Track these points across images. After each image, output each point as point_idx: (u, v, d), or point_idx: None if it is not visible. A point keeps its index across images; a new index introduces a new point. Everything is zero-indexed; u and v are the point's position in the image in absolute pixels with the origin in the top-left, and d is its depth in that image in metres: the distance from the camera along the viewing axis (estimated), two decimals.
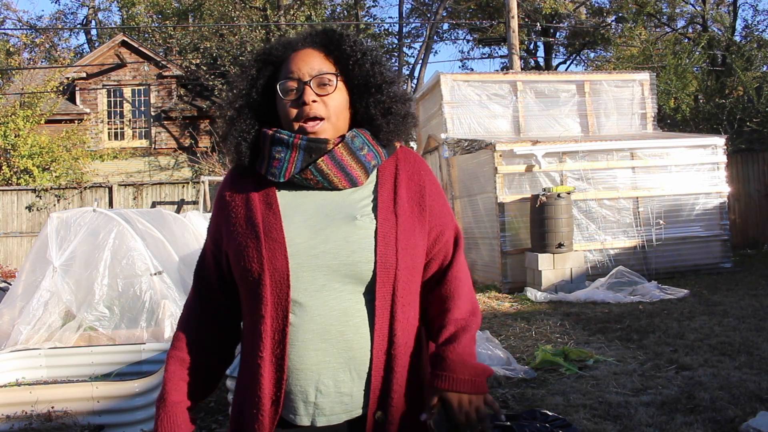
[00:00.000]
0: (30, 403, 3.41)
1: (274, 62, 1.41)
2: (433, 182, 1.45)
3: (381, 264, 1.29)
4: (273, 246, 1.29)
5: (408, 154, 1.46)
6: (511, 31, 12.87)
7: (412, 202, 1.39)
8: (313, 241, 1.30)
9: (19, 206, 13.43)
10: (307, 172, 1.34)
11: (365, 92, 1.39)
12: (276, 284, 1.28)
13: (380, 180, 1.39)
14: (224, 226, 1.39)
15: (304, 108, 1.33)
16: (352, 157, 1.35)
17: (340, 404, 1.29)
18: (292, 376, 1.29)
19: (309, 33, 1.43)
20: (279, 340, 1.28)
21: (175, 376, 1.40)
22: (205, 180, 12.93)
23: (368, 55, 1.40)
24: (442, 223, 1.43)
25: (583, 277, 8.55)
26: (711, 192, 9.80)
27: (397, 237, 1.32)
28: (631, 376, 4.52)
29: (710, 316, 6.42)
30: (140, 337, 4.79)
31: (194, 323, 1.45)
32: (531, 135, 10.49)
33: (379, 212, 1.33)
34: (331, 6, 21.69)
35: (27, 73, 17.77)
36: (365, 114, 1.40)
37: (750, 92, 14.19)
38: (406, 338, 1.32)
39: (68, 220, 5.16)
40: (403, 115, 1.42)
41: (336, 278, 1.29)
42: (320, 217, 1.33)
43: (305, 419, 1.29)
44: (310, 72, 1.35)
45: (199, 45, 16.49)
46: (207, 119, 16.62)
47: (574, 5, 21.53)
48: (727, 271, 9.56)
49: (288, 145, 1.34)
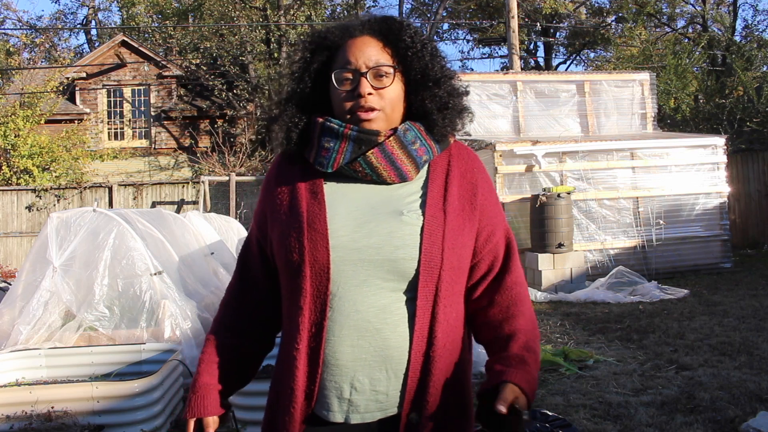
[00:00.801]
0: (30, 403, 3.41)
1: (329, 47, 1.35)
2: (486, 180, 1.40)
3: (425, 262, 1.25)
4: (315, 237, 1.26)
5: (462, 150, 1.41)
6: (511, 31, 12.87)
7: (463, 200, 1.34)
8: (356, 234, 1.26)
9: (19, 206, 13.43)
10: (356, 163, 1.30)
11: (422, 86, 1.34)
12: (316, 276, 1.26)
13: (431, 175, 1.34)
14: (269, 213, 1.37)
15: (360, 100, 1.29)
16: (403, 151, 1.31)
17: (375, 402, 1.26)
18: (328, 371, 1.26)
19: (368, 19, 1.36)
20: (315, 333, 1.26)
21: (208, 359, 1.41)
22: (205, 180, 12.93)
23: (427, 48, 1.34)
24: (493, 223, 1.37)
25: (583, 277, 8.55)
26: (711, 192, 9.80)
27: (444, 235, 1.27)
28: (631, 376, 4.52)
29: (710, 316, 6.42)
30: (140, 337, 4.78)
31: (234, 308, 1.44)
32: (531, 135, 10.49)
33: (428, 209, 1.29)
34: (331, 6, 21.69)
35: (27, 73, 17.77)
36: (421, 108, 1.34)
37: (750, 92, 14.19)
38: (446, 340, 1.28)
39: (68, 220, 5.16)
40: (460, 110, 1.37)
41: (377, 274, 1.25)
42: (366, 210, 1.29)
43: (339, 416, 1.27)
44: (367, 62, 1.30)
45: (199, 45, 16.49)
46: (207, 119, 16.63)
47: (574, 5, 21.52)
48: (727, 271, 9.56)
49: (338, 135, 1.30)
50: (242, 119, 16.31)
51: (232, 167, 14.53)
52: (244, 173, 14.40)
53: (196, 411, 1.36)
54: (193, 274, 5.96)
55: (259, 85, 16.61)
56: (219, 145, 15.24)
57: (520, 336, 1.33)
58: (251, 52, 16.57)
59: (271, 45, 16.37)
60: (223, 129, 15.93)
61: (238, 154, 14.94)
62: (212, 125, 16.27)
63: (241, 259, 1.47)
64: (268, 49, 16.53)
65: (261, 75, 16.69)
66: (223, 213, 11.68)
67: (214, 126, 16.20)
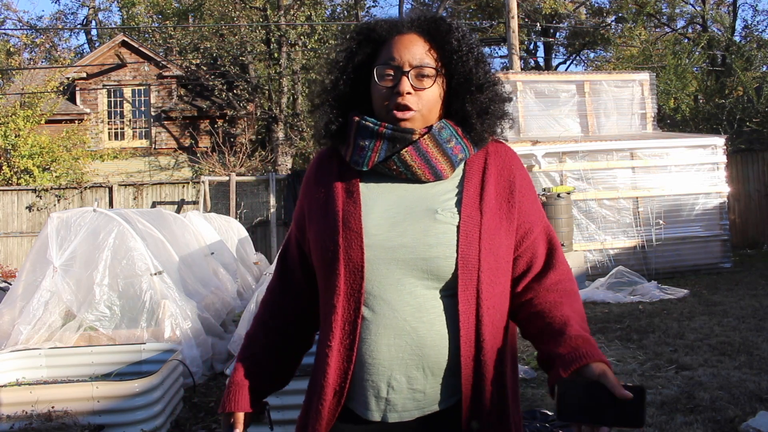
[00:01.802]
0: (30, 402, 3.41)
1: (375, 40, 1.34)
2: (524, 177, 1.37)
3: (462, 263, 1.23)
4: (350, 236, 1.26)
5: (499, 148, 1.38)
6: (511, 31, 12.86)
7: (500, 198, 1.32)
8: (390, 233, 1.26)
9: (20, 206, 13.43)
10: (391, 162, 1.29)
11: (464, 90, 1.32)
12: (350, 275, 1.26)
13: (467, 174, 1.33)
14: (307, 212, 1.38)
15: (398, 98, 1.28)
16: (437, 149, 1.29)
17: (413, 401, 1.25)
18: (364, 369, 1.26)
19: (417, 17, 1.34)
20: (349, 331, 1.26)
21: (245, 356, 1.43)
22: (205, 180, 12.93)
23: (473, 52, 1.32)
24: (531, 221, 1.34)
25: (583, 277, 8.55)
26: (711, 192, 9.80)
27: (481, 235, 1.26)
28: (631, 376, 4.52)
29: (710, 316, 6.42)
30: (140, 337, 4.79)
31: (273, 307, 1.46)
32: (531, 135, 10.49)
33: (464, 208, 1.27)
34: (331, 6, 21.70)
35: (27, 73, 17.77)
36: (460, 111, 1.33)
37: (750, 92, 14.20)
38: (494, 342, 1.26)
39: (68, 220, 5.16)
40: (500, 116, 1.36)
41: (412, 273, 1.24)
42: (401, 209, 1.29)
43: (376, 414, 1.26)
44: (411, 61, 1.29)
45: (199, 45, 16.49)
46: (207, 119, 16.63)
47: (574, 5, 21.54)
48: (727, 271, 9.56)
49: (373, 134, 1.30)
50: (242, 119, 16.32)
51: (232, 167, 14.54)
52: (244, 173, 14.41)
53: (227, 406, 1.38)
54: (193, 274, 5.97)
55: (259, 85, 16.61)
56: (219, 145, 15.24)
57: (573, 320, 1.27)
58: (251, 52, 16.58)
59: (271, 45, 16.36)
60: (223, 129, 15.94)
61: (238, 154, 14.95)
62: (212, 125, 16.28)
63: (280, 258, 1.48)
64: (268, 49, 16.53)
65: (261, 75, 16.69)
66: (223, 213, 11.69)
67: (214, 126, 16.20)
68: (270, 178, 13.23)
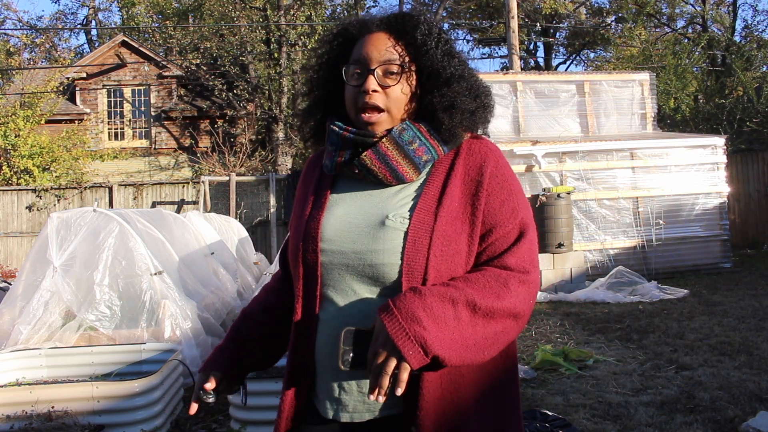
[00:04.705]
0: (30, 402, 3.41)
1: (349, 40, 1.35)
2: (496, 175, 1.27)
3: (407, 269, 1.20)
4: (308, 240, 1.30)
5: (474, 145, 1.32)
6: (511, 31, 12.86)
7: (465, 201, 1.25)
8: (344, 238, 1.27)
9: (20, 206, 13.43)
10: (353, 166, 1.30)
11: (432, 84, 1.29)
12: (307, 278, 1.30)
13: (430, 176, 1.29)
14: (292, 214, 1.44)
15: (365, 97, 1.27)
16: (398, 152, 1.27)
17: (363, 404, 1.27)
18: (320, 370, 1.30)
19: (385, 15, 1.33)
20: (307, 335, 1.31)
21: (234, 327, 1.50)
22: (205, 180, 12.93)
23: (441, 46, 1.30)
24: (496, 220, 1.25)
25: (582, 277, 8.56)
26: (711, 192, 9.81)
27: (432, 241, 1.20)
28: (631, 376, 4.52)
29: (710, 316, 6.42)
30: (140, 337, 4.78)
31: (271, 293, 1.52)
32: (531, 135, 10.49)
33: (416, 212, 1.24)
34: (331, 6, 21.69)
35: (27, 73, 17.78)
36: (429, 106, 1.30)
37: (750, 92, 14.20)
38: None
39: (68, 220, 5.16)
40: (472, 111, 1.30)
41: (360, 279, 1.25)
42: (359, 214, 1.29)
43: (330, 413, 1.30)
44: (378, 59, 1.28)
45: (199, 45, 16.48)
46: (207, 119, 16.63)
47: (574, 5, 21.53)
48: (727, 271, 9.56)
49: (338, 138, 1.31)
50: (242, 119, 16.31)
51: (232, 167, 14.54)
52: (244, 173, 14.40)
53: (203, 366, 1.45)
54: (193, 274, 5.96)
55: (259, 85, 16.61)
56: (219, 145, 15.24)
57: (442, 287, 1.17)
58: (251, 53, 16.57)
59: (271, 45, 16.36)
60: (223, 129, 15.94)
61: (238, 154, 14.95)
62: (212, 125, 16.28)
63: (280, 256, 1.54)
64: (268, 49, 16.53)
65: (261, 75, 16.68)
66: (223, 213, 11.68)
67: (214, 126, 16.20)
68: (270, 178, 13.23)
